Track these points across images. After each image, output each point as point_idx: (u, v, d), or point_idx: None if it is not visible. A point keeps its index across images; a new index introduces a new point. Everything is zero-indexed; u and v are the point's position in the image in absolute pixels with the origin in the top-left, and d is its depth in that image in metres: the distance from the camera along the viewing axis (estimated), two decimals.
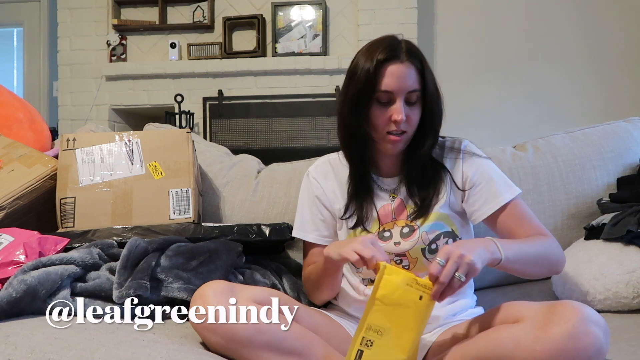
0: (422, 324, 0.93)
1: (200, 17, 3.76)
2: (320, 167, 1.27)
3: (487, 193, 1.13)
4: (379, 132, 1.10)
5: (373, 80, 1.07)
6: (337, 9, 3.70)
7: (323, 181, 1.24)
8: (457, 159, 1.17)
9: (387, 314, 0.90)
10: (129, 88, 3.79)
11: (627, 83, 3.72)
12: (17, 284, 0.96)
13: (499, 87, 3.78)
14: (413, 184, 1.15)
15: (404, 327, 0.91)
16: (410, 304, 0.90)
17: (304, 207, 1.26)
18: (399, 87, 1.07)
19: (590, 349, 0.80)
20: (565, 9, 3.77)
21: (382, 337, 0.90)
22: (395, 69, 1.07)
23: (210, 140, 3.02)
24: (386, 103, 1.08)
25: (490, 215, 1.13)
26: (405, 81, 1.07)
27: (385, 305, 0.90)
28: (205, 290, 0.94)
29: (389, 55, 1.07)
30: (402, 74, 1.07)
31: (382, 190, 1.19)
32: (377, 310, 0.90)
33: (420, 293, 0.90)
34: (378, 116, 1.09)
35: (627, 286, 1.19)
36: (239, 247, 1.24)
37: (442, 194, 1.15)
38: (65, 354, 0.81)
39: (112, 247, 1.19)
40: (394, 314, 0.90)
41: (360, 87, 1.08)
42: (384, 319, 0.90)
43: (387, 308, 0.90)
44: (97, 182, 1.38)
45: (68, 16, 3.86)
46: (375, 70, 1.06)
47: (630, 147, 1.53)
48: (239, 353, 0.92)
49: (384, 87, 1.07)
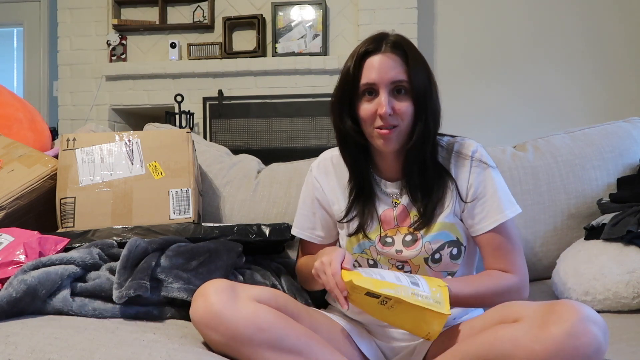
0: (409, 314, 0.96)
1: (200, 17, 3.76)
2: (322, 165, 1.25)
3: (489, 207, 1.10)
4: (368, 128, 1.08)
5: (355, 75, 1.06)
6: (337, 9, 3.70)
7: (324, 180, 1.23)
8: (465, 166, 1.11)
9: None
10: (129, 88, 3.79)
11: (627, 83, 3.72)
12: (17, 284, 0.96)
13: (499, 87, 3.78)
14: (416, 189, 1.11)
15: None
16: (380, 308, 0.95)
17: (304, 204, 1.26)
18: (380, 78, 1.04)
19: (589, 348, 0.80)
20: (566, 9, 3.77)
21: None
22: (375, 60, 1.06)
23: (210, 140, 3.02)
24: (372, 98, 1.06)
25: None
26: (387, 72, 1.04)
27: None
28: (207, 288, 0.94)
29: (369, 47, 1.06)
30: (382, 65, 1.05)
31: (385, 194, 1.16)
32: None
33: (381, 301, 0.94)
34: (365, 111, 1.07)
35: (627, 286, 1.19)
36: (239, 247, 1.24)
37: (447, 203, 1.11)
38: (65, 353, 0.81)
39: (112, 247, 1.19)
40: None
41: (344, 84, 1.08)
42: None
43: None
44: (97, 182, 1.38)
45: (68, 16, 3.87)
46: (355, 64, 1.06)
47: (630, 147, 1.52)
48: (239, 351, 0.92)
49: (364, 79, 1.05)
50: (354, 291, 0.94)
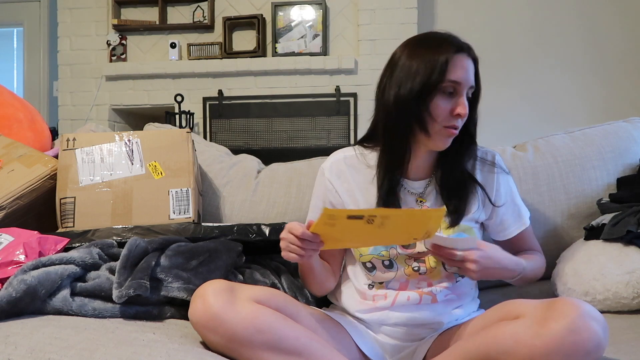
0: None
1: (200, 17, 3.76)
2: (335, 166, 1.20)
3: (515, 212, 1.20)
4: (437, 124, 1.06)
5: (444, 68, 1.04)
6: (337, 9, 3.70)
7: (337, 182, 1.19)
8: (492, 173, 1.17)
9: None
10: (129, 88, 3.79)
11: (627, 83, 3.73)
12: (17, 284, 0.96)
13: (499, 87, 3.78)
14: (445, 189, 1.13)
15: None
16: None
17: (317, 207, 1.22)
18: (465, 80, 1.06)
19: (589, 343, 0.80)
20: (566, 9, 3.77)
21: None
22: (463, 60, 1.06)
23: (210, 140, 3.02)
24: (449, 95, 1.06)
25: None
26: (470, 75, 1.07)
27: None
28: (205, 289, 0.94)
29: (458, 46, 1.07)
30: (468, 67, 1.07)
31: (409, 194, 1.15)
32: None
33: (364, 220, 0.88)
34: (441, 107, 1.05)
35: (627, 286, 1.19)
36: (238, 246, 1.24)
37: (473, 207, 1.14)
38: (65, 353, 0.81)
39: (112, 247, 1.19)
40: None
41: (430, 75, 1.04)
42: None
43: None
44: (97, 182, 1.38)
45: (68, 16, 3.87)
46: (447, 58, 1.04)
47: (630, 147, 1.52)
48: (239, 352, 0.92)
49: (452, 76, 1.04)
50: (332, 221, 0.89)
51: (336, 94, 3.56)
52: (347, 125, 3.55)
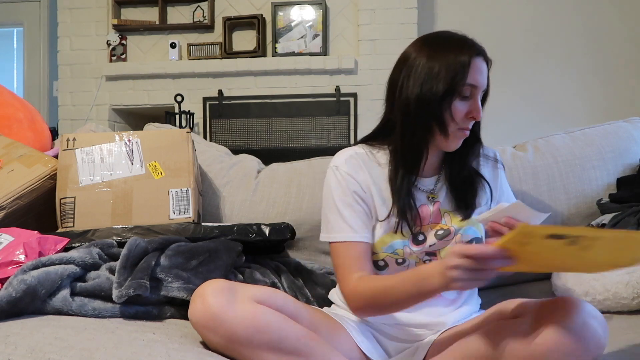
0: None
1: (200, 17, 3.76)
2: (350, 161, 1.15)
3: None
4: (454, 126, 1.08)
5: (466, 72, 1.05)
6: (337, 9, 3.69)
7: (357, 175, 1.14)
8: (495, 169, 1.22)
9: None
10: (129, 88, 3.79)
11: (627, 83, 3.72)
12: (17, 284, 0.96)
13: (499, 87, 3.75)
14: (455, 186, 1.15)
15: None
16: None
17: (341, 205, 1.12)
18: (481, 84, 1.08)
19: (589, 342, 0.80)
20: (566, 9, 3.77)
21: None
22: (481, 63, 1.08)
23: (210, 140, 3.02)
24: (465, 97, 1.07)
25: None
26: (485, 79, 1.09)
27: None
28: (205, 289, 0.94)
29: (478, 50, 1.08)
30: (484, 71, 1.09)
31: (420, 191, 1.15)
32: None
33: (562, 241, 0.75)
34: (458, 110, 1.07)
35: (627, 287, 1.19)
36: (238, 246, 1.24)
37: (482, 202, 1.17)
38: (65, 353, 0.81)
39: (112, 247, 1.19)
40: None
41: (454, 77, 1.05)
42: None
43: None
44: (97, 182, 1.38)
45: (68, 16, 3.87)
46: (469, 62, 1.05)
47: (630, 147, 1.52)
48: (239, 352, 0.91)
49: (471, 80, 1.06)
50: (527, 239, 0.77)
51: (336, 94, 3.56)
52: (347, 125, 3.55)
